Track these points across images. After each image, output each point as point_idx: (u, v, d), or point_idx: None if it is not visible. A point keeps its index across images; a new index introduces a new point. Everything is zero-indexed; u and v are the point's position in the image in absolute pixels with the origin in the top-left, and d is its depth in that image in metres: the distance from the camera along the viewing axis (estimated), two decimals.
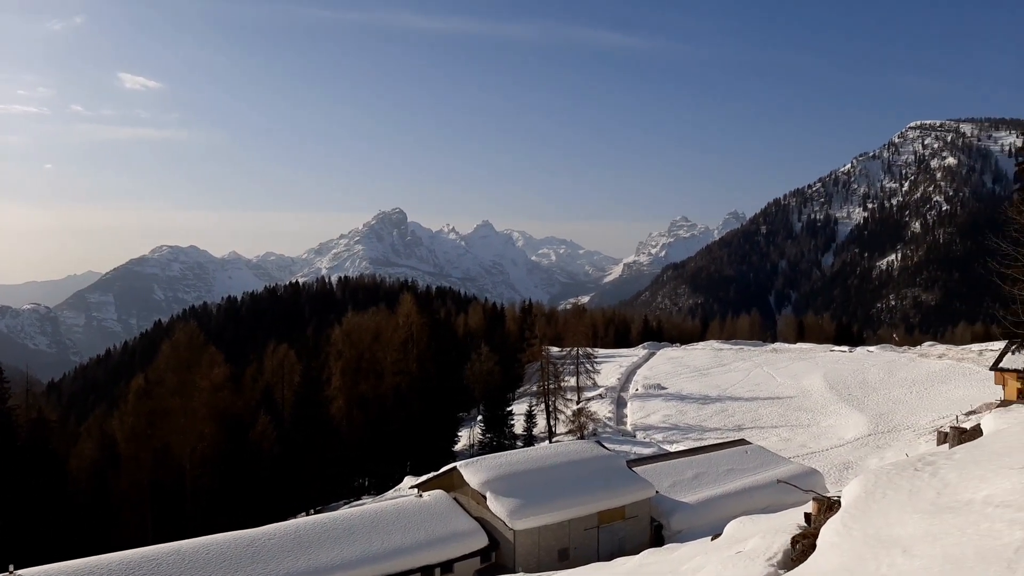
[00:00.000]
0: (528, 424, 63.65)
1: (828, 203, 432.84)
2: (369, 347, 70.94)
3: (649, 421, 62.74)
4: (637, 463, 34.36)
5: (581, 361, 75.30)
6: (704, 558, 15.39)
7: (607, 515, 28.49)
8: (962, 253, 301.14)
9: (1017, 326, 29.90)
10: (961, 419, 44.22)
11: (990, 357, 58.31)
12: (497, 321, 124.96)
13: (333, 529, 25.19)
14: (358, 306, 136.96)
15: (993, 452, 13.13)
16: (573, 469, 29.56)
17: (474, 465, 29.00)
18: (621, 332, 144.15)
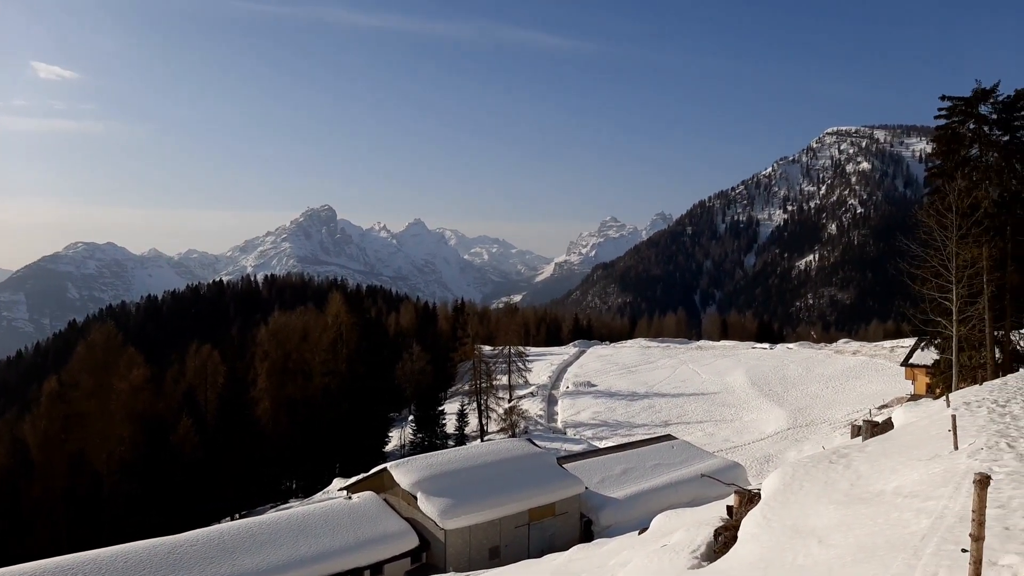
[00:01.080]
0: (460, 423, 63.46)
1: (750, 205, 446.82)
2: (297, 347, 69.45)
3: (579, 418, 63.45)
4: (567, 460, 34.70)
5: (513, 360, 75.56)
6: (631, 552, 15.71)
7: (538, 512, 28.70)
8: (875, 254, 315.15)
9: (926, 324, 31.53)
10: (874, 413, 46.27)
11: (901, 353, 61.37)
12: (429, 320, 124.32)
13: (258, 534, 24.58)
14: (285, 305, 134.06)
15: (902, 444, 13.85)
16: (504, 467, 29.68)
17: (405, 466, 28.79)
18: (552, 330, 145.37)
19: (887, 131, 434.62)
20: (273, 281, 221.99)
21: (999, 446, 10.75)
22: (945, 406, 14.99)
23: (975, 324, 28.42)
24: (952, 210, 27.43)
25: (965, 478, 9.05)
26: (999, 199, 31.71)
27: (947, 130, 33.47)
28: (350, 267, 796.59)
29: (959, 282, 27.22)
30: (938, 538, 7.24)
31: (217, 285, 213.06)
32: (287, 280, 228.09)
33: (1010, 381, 20.65)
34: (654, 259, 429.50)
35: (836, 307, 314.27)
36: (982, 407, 14.79)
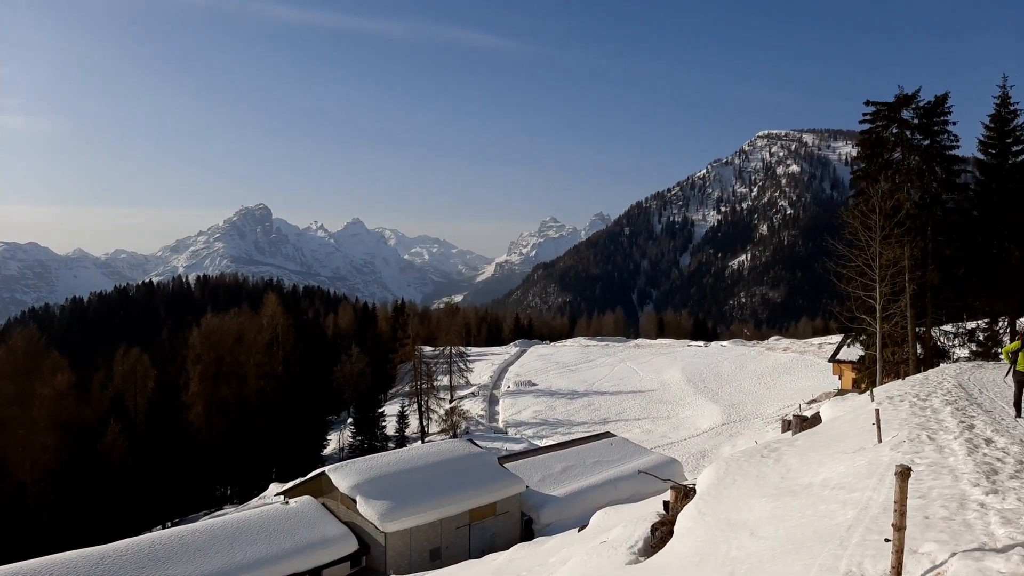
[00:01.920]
0: (400, 425, 63.00)
1: (686, 206, 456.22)
2: (231, 350, 67.75)
3: (520, 417, 63.70)
4: (508, 459, 34.79)
5: (454, 360, 75.37)
6: (571, 549, 15.86)
7: (479, 512, 28.69)
8: (804, 254, 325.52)
9: (851, 321, 32.72)
10: (803, 408, 47.69)
11: (828, 350, 63.58)
12: (368, 321, 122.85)
13: (191, 542, 23.87)
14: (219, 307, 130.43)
15: (829, 438, 14.36)
16: (445, 468, 29.58)
17: (343, 469, 28.41)
18: (494, 330, 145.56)
19: (815, 135, 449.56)
20: (206, 282, 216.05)
21: (920, 439, 11.22)
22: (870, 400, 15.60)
23: (898, 321, 29.64)
24: (876, 211, 28.54)
25: (888, 470, 9.42)
26: (920, 201, 33.12)
27: (871, 134, 34.78)
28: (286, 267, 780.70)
29: (882, 281, 28.35)
30: (863, 528, 7.52)
31: (147, 286, 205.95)
32: (221, 281, 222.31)
33: (931, 376, 21.62)
34: (593, 259, 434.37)
35: (768, 305, 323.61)
36: (904, 401, 15.44)
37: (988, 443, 10.43)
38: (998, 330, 35.16)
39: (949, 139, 33.52)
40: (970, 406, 14.14)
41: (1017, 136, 34.86)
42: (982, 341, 34.62)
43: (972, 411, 13.44)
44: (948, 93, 33.46)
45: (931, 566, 6.09)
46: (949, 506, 7.49)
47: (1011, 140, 34.85)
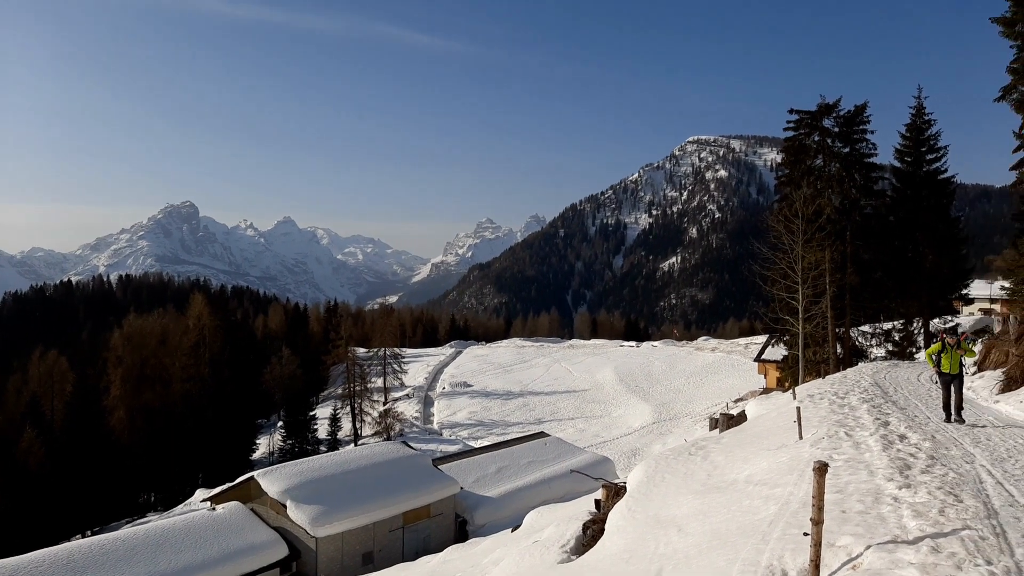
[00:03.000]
0: (333, 428, 61.99)
1: (619, 209, 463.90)
2: (154, 352, 65.40)
3: (455, 419, 63.53)
4: (443, 461, 34.67)
5: (389, 361, 74.65)
6: (504, 550, 15.90)
7: (412, 515, 28.49)
8: (732, 256, 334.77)
9: (776, 322, 33.82)
10: (730, 406, 48.98)
11: (754, 350, 65.54)
12: (300, 322, 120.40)
13: (113, 551, 22.95)
14: (142, 307, 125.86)
15: (754, 435, 14.79)
16: (378, 471, 29.26)
17: (273, 473, 27.79)
18: (429, 331, 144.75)
19: (742, 141, 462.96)
20: (128, 281, 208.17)
21: (838, 435, 11.68)
22: (792, 399, 16.14)
23: (819, 322, 30.78)
24: (799, 216, 29.59)
25: (808, 466, 9.74)
26: (840, 206, 34.48)
27: (794, 141, 36.03)
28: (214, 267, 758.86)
29: (805, 283, 29.41)
30: (784, 523, 7.77)
31: (65, 286, 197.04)
32: (144, 280, 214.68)
33: (849, 375, 22.52)
34: (529, 260, 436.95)
35: (697, 306, 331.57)
36: (824, 399, 16.04)
37: (902, 439, 10.92)
38: (913, 331, 36.93)
39: (867, 147, 35.01)
40: (885, 404, 14.79)
41: (931, 145, 36.73)
42: (898, 341, 36.28)
43: (887, 408, 14.06)
44: (867, 103, 34.95)
45: (847, 558, 6.33)
46: (865, 500, 7.81)
47: (925, 149, 36.69)
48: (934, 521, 6.77)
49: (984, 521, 6.68)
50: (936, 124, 36.70)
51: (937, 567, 5.59)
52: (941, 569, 5.54)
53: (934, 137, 36.64)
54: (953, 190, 37.72)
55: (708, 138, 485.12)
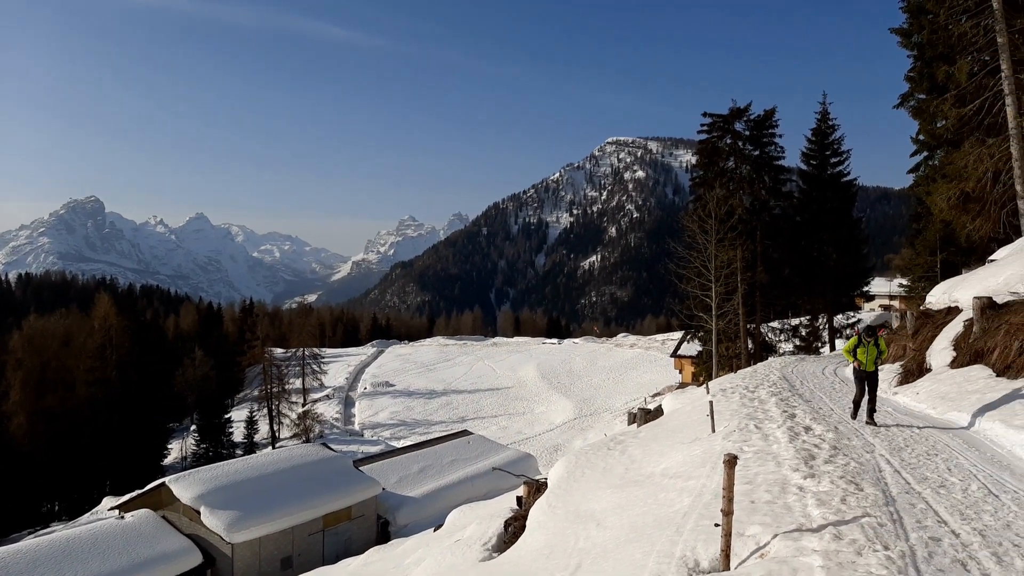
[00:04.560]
0: (249, 431, 60.35)
1: (540, 208, 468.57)
2: (57, 354, 62.06)
3: (377, 419, 62.83)
4: (364, 462, 34.25)
5: (308, 362, 73.14)
6: (426, 550, 15.84)
7: (332, 517, 28.03)
8: (649, 255, 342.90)
9: (691, 319, 34.85)
10: (648, 401, 50.18)
11: (670, 346, 67.34)
12: (214, 322, 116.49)
13: (12, 564, 21.67)
14: (43, 308, 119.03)
15: (669, 429, 15.18)
16: (296, 474, 28.65)
17: (186, 479, 26.81)
18: (350, 331, 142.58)
19: (659, 142, 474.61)
20: (28, 280, 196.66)
21: (748, 428, 12.11)
22: (705, 393, 16.67)
23: (731, 318, 31.91)
24: (712, 216, 30.58)
25: (720, 459, 10.07)
26: (751, 207, 35.84)
27: (708, 144, 37.21)
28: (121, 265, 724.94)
29: (718, 281, 30.42)
30: (696, 514, 8.02)
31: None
32: (46, 279, 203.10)
33: (759, 369, 23.37)
34: (452, 258, 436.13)
35: (616, 304, 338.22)
36: (735, 393, 16.61)
37: (807, 431, 11.42)
38: (818, 326, 38.72)
39: (776, 150, 36.49)
40: (792, 396, 15.43)
41: (835, 149, 38.58)
42: (804, 336, 37.98)
43: (794, 401, 14.67)
44: (775, 108, 36.42)
45: (756, 547, 6.59)
46: (772, 490, 8.13)
47: (829, 153, 38.51)
48: (836, 509, 7.11)
49: (882, 508, 7.06)
50: (839, 129, 38.61)
51: (839, 553, 5.87)
52: (843, 555, 5.82)
53: (838, 141, 38.52)
54: (855, 192, 39.73)
55: (627, 139, 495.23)
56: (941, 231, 31.77)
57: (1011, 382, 12.77)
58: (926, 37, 29.49)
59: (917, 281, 35.87)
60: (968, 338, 15.91)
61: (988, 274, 18.78)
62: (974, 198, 27.41)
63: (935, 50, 28.93)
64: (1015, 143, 25.04)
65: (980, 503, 7.23)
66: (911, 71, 31.48)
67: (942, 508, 7.08)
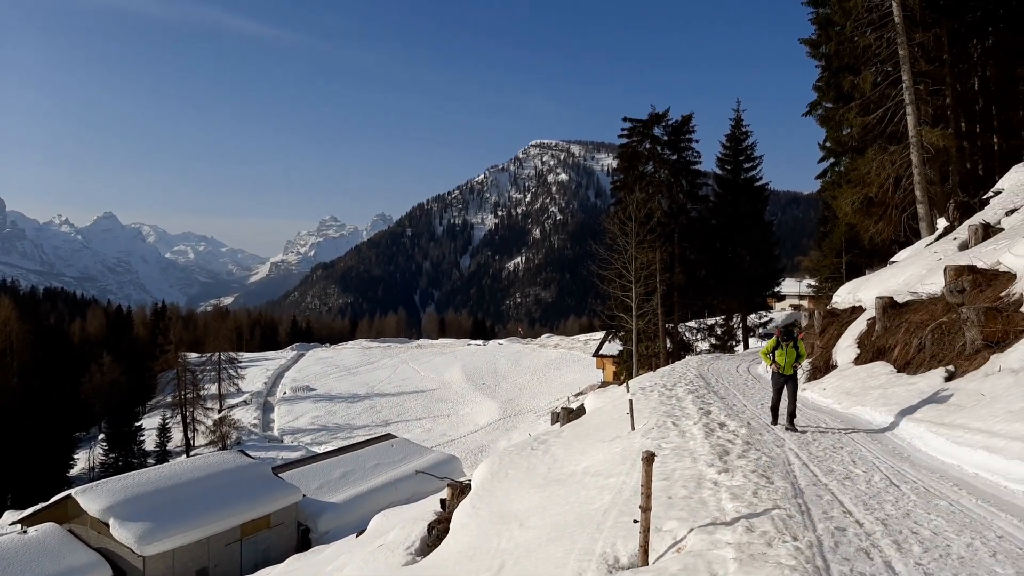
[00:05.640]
0: (162, 439, 58.05)
1: (465, 209, 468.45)
2: None
3: (297, 424, 61.47)
4: (283, 468, 33.49)
5: (224, 367, 70.82)
6: (348, 556, 15.59)
7: (251, 526, 27.26)
8: (572, 257, 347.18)
9: (612, 319, 35.48)
10: (571, 400, 50.76)
11: (593, 345, 68.41)
12: (123, 326, 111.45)
13: None
14: None
15: (591, 428, 15.40)
16: (212, 482, 27.75)
17: (94, 490, 25.60)
18: (268, 334, 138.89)
19: (582, 146, 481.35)
20: None
21: (666, 425, 12.40)
22: (626, 392, 16.98)
23: (651, 318, 32.64)
24: (632, 219, 31.22)
25: (639, 456, 10.27)
26: (669, 210, 36.77)
27: (628, 148, 38.00)
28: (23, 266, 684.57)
29: (638, 282, 31.07)
30: (617, 511, 8.15)
31: None
32: None
33: (677, 367, 23.99)
34: (375, 259, 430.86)
35: (540, 305, 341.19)
36: (654, 391, 16.99)
37: (722, 427, 11.77)
38: (733, 325, 40.03)
39: (693, 155, 37.59)
40: (708, 394, 15.90)
41: (748, 154, 40.00)
42: (720, 335, 39.20)
43: (710, 399, 15.12)
44: (692, 114, 37.52)
45: (673, 542, 6.74)
46: (688, 486, 8.34)
47: (743, 158, 39.90)
48: (748, 502, 7.34)
49: (792, 500, 7.33)
50: (752, 135, 40.06)
51: (751, 545, 6.06)
52: (754, 547, 6.01)
53: (751, 147, 39.97)
54: (767, 196, 41.33)
55: (550, 142, 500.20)
56: (846, 234, 33.37)
57: (910, 378, 13.49)
58: (833, 48, 30.93)
59: (824, 282, 37.56)
60: (871, 336, 16.74)
61: (889, 275, 19.78)
62: (877, 203, 28.91)
63: (841, 61, 30.38)
64: (915, 151, 26.53)
65: (882, 493, 7.57)
66: (819, 80, 32.95)
67: (847, 499, 7.37)
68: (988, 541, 5.85)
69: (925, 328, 14.27)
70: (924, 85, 27.18)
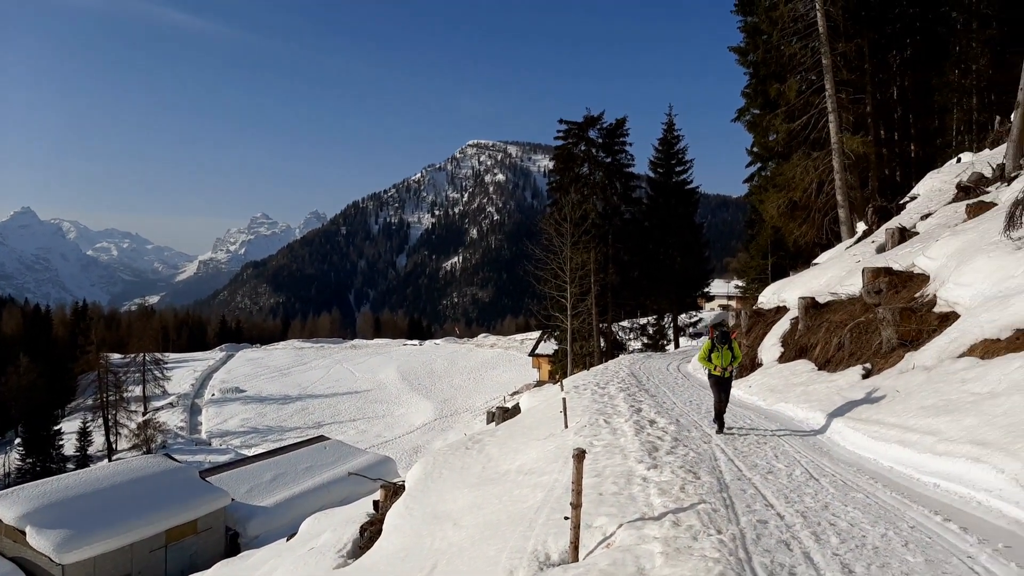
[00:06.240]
0: (82, 443, 55.71)
1: (402, 208, 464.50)
2: None
3: (226, 427, 59.88)
4: (211, 472, 32.67)
5: (149, 368, 68.58)
6: (278, 560, 15.30)
7: (177, 532, 26.46)
8: (509, 257, 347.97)
9: (548, 319, 35.80)
10: (506, 399, 50.94)
11: (529, 345, 68.78)
12: (41, 325, 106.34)
13: None
14: None
15: (526, 427, 15.50)
16: (136, 487, 26.85)
17: (8, 497, 24.47)
18: (196, 334, 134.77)
19: (519, 147, 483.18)
20: None
21: (598, 423, 12.57)
22: (560, 390, 17.14)
23: (585, 318, 33.07)
24: (567, 220, 31.57)
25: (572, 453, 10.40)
26: (603, 211, 37.31)
27: (564, 150, 38.40)
28: None
29: (573, 282, 31.44)
30: (548, 509, 8.23)
31: None
32: None
33: (610, 366, 24.34)
34: (308, 258, 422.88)
35: (477, 305, 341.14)
36: (587, 390, 17.22)
37: (652, 424, 12.01)
38: (664, 325, 40.86)
39: (627, 158, 38.25)
40: (639, 392, 16.20)
41: (680, 158, 40.89)
42: (652, 335, 39.96)
43: (640, 396, 15.41)
44: (626, 117, 38.17)
45: (603, 537, 6.85)
46: (619, 482, 8.48)
47: (675, 162, 40.77)
48: (676, 497, 7.52)
49: (717, 495, 7.53)
50: (684, 139, 40.99)
51: (677, 539, 6.20)
52: (680, 540, 6.16)
53: (682, 151, 40.89)
54: (698, 199, 42.34)
55: (487, 142, 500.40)
56: (772, 236, 34.47)
57: (830, 375, 14.04)
58: (761, 56, 31.94)
59: (751, 283, 38.74)
60: (794, 335, 17.35)
61: (812, 276, 20.52)
62: (801, 206, 29.96)
63: (768, 69, 31.37)
64: (836, 157, 27.60)
65: (803, 487, 7.85)
66: (747, 87, 33.94)
67: (769, 493, 7.61)
68: (901, 531, 6.11)
69: (844, 327, 14.88)
70: (846, 93, 28.31)
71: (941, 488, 7.43)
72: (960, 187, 19.95)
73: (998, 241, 11.94)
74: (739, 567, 5.42)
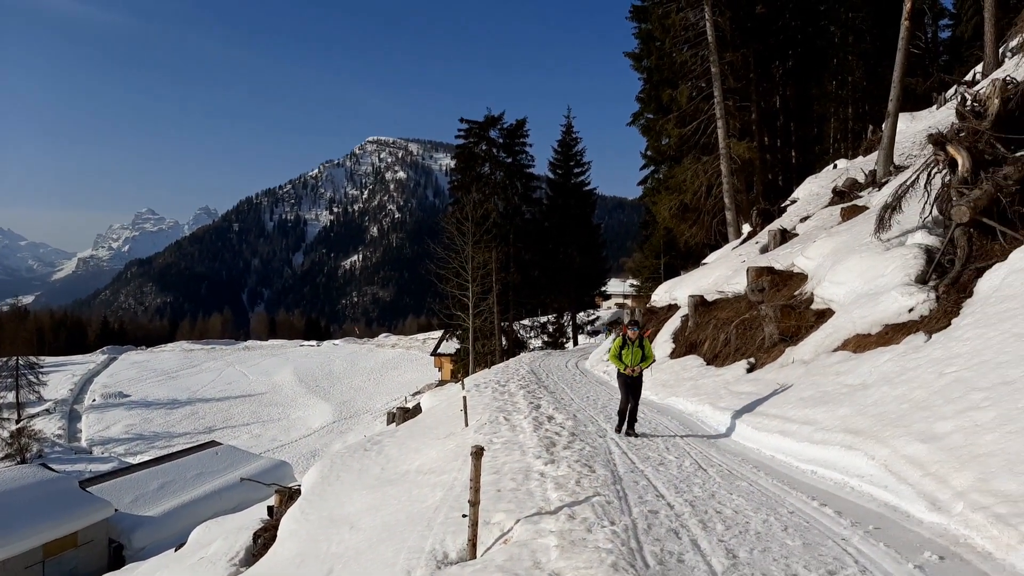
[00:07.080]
0: None
1: (298, 205, 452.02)
2: None
3: (109, 434, 56.61)
4: (92, 482, 30.87)
5: (23, 372, 63.90)
6: (166, 571, 14.66)
7: (55, 545, 24.86)
8: (411, 255, 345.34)
9: (450, 318, 35.79)
10: (408, 399, 50.55)
11: (431, 344, 68.48)
12: None
13: None
14: None
15: (426, 426, 15.46)
16: (9, 499, 25.08)
17: None
18: (75, 336, 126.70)
19: (420, 145, 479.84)
20: None
21: (499, 420, 12.68)
22: (461, 389, 17.19)
23: (487, 316, 33.25)
24: (469, 219, 31.66)
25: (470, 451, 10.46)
26: (504, 211, 37.64)
27: (465, 149, 38.49)
28: None
29: (474, 281, 31.55)
30: (447, 507, 8.25)
31: None
32: None
33: (511, 364, 24.58)
34: (198, 256, 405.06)
35: (378, 304, 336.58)
36: (488, 387, 17.34)
37: (550, 420, 12.22)
38: (563, 323, 41.62)
39: (527, 159, 38.77)
40: (539, 389, 16.45)
41: (578, 160, 41.75)
42: (551, 332, 40.62)
43: (540, 393, 15.65)
44: (526, 118, 38.66)
45: (500, 533, 6.92)
46: (517, 478, 8.59)
47: (573, 163, 41.61)
48: (571, 491, 7.68)
49: (611, 487, 7.74)
50: (582, 142, 41.88)
51: (572, 532, 6.35)
52: (575, 533, 6.31)
53: (580, 153, 41.79)
54: (595, 200, 43.39)
55: (388, 139, 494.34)
56: (665, 237, 35.77)
57: (718, 369, 14.70)
58: (654, 62, 33.04)
59: (646, 281, 40.07)
60: (685, 332, 18.06)
61: (701, 275, 21.41)
62: (691, 208, 31.20)
63: (662, 74, 32.51)
64: (724, 162, 28.90)
65: (691, 477, 8.19)
66: (641, 92, 35.02)
67: (660, 484, 7.89)
68: (781, 516, 6.47)
69: (731, 324, 15.62)
70: (733, 101, 29.70)
71: (818, 475, 7.92)
72: (836, 191, 21.32)
73: (869, 242, 12.83)
74: (631, 557, 5.59)
